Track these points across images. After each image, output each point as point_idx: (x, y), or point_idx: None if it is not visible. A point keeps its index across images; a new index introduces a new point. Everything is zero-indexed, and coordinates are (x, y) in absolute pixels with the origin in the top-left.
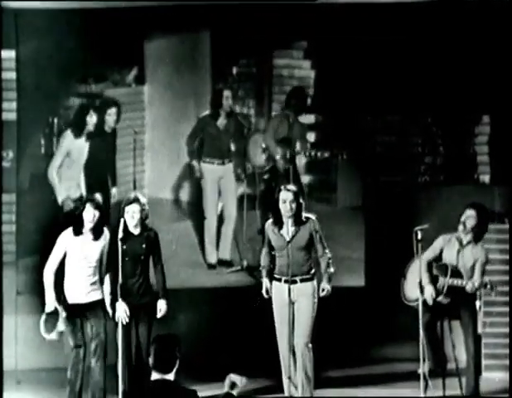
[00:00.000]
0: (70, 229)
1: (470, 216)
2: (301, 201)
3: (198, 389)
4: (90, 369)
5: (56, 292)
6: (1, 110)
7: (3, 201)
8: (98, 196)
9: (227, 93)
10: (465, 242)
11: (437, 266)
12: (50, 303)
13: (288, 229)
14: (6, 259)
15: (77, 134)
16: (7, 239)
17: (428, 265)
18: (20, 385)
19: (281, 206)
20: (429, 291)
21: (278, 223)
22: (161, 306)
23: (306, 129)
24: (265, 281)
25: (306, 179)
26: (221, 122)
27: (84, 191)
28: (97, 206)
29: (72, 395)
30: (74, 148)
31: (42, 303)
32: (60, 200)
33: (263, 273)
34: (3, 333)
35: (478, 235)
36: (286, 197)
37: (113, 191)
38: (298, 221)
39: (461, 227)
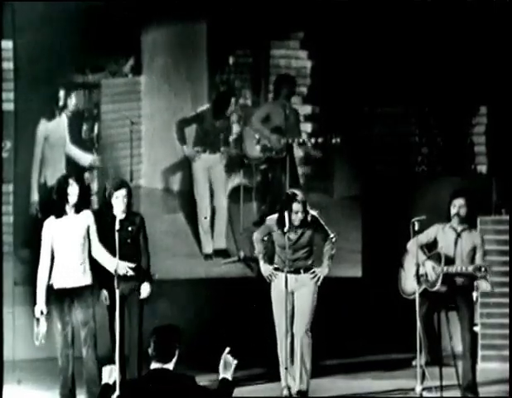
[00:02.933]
0: (51, 217)
1: (461, 206)
2: (308, 209)
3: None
4: (83, 359)
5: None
6: (1, 101)
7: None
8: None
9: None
10: (459, 230)
11: (431, 256)
12: (40, 307)
13: (293, 231)
14: (3, 249)
15: (49, 117)
16: (4, 229)
17: (421, 247)
18: (20, 384)
19: (293, 215)
20: (429, 265)
21: (283, 226)
22: (145, 288)
23: (300, 118)
24: (265, 266)
25: (303, 170)
26: (220, 122)
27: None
28: (78, 179)
29: (65, 383)
30: (50, 131)
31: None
32: (32, 198)
33: (261, 258)
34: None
35: (471, 220)
36: (297, 209)
37: (86, 175)
38: (303, 225)
39: (455, 219)
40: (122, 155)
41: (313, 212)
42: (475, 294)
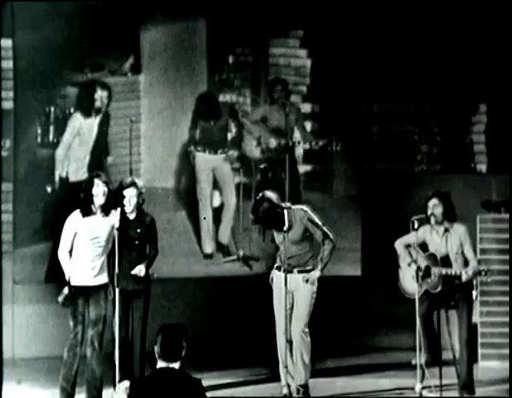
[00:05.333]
0: (77, 211)
1: (435, 205)
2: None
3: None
4: (86, 359)
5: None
6: (0, 99)
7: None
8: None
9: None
10: (443, 229)
11: (425, 256)
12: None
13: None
14: (3, 248)
15: (86, 114)
16: (4, 228)
17: (406, 246)
18: (20, 384)
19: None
20: (414, 268)
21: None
22: (140, 267)
23: (302, 116)
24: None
25: (302, 169)
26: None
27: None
28: (105, 181)
29: (67, 377)
30: (85, 128)
31: (39, 293)
32: (57, 175)
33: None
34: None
35: (451, 216)
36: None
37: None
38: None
39: (432, 219)
40: (121, 153)
41: (303, 207)
42: (474, 293)
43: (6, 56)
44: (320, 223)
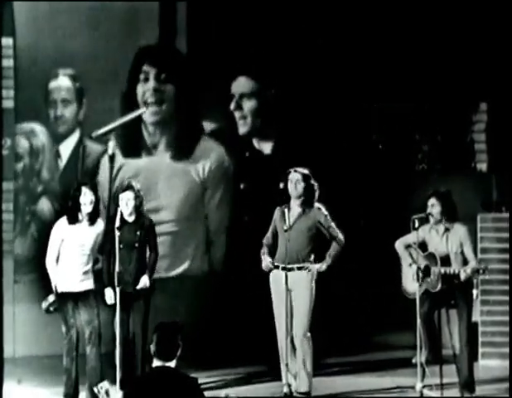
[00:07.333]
0: (64, 218)
1: (433, 205)
2: (312, 182)
3: (193, 376)
4: (86, 356)
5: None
6: (1, 98)
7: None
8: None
9: None
10: (443, 229)
11: (425, 256)
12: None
13: (294, 211)
14: (3, 247)
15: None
16: (4, 227)
17: (406, 247)
18: (20, 383)
19: (289, 186)
20: (414, 268)
21: (286, 205)
22: (144, 280)
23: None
24: (265, 260)
25: None
26: None
27: None
28: (92, 189)
29: (69, 383)
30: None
31: (39, 292)
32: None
33: (264, 250)
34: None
35: (451, 215)
36: (293, 178)
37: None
38: (306, 203)
39: (431, 219)
40: None
41: (318, 205)
42: (475, 292)
43: (7, 55)
44: (331, 222)
